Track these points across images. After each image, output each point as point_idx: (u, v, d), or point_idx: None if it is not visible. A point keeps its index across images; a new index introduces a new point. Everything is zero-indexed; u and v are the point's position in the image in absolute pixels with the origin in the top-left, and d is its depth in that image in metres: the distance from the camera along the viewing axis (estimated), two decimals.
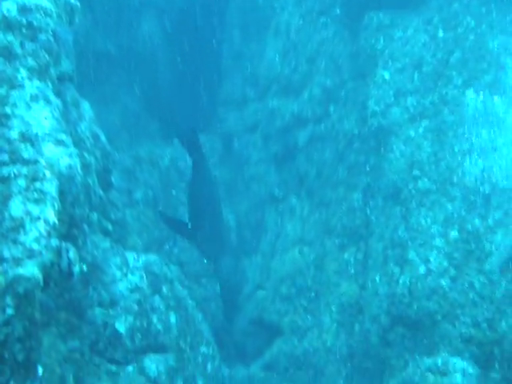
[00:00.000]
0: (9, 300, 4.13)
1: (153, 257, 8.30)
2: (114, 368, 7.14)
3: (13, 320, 4.15)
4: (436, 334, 7.68)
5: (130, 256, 7.94)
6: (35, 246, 4.29)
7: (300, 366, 10.51)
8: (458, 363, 7.27)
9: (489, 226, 7.29)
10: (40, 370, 5.59)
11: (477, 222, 7.47)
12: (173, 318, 8.14)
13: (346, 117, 10.21)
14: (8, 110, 4.62)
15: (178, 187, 11.97)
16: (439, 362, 7.40)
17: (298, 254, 11.00)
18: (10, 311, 4.14)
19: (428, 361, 7.57)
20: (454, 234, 7.73)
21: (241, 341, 11.72)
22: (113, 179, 8.18)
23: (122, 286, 7.51)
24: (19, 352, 5.15)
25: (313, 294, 10.75)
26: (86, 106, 7.35)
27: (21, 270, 4.18)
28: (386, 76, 9.01)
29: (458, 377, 7.13)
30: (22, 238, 4.28)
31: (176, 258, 11.60)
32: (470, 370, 7.11)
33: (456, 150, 8.02)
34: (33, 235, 4.31)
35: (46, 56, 5.32)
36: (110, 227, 7.93)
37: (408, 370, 7.86)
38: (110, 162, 8.15)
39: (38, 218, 4.37)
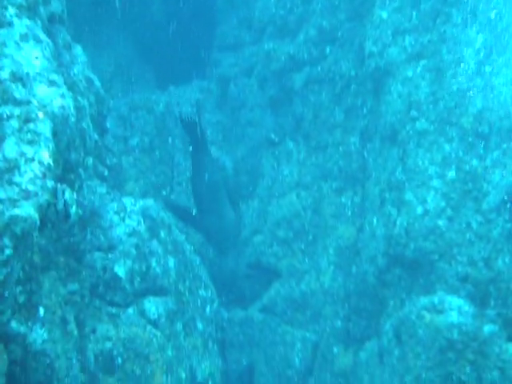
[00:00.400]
0: (6, 241, 4.12)
1: (150, 202, 8.29)
2: (114, 310, 7.25)
3: (11, 260, 4.16)
4: (432, 273, 7.75)
5: (127, 201, 7.94)
6: (31, 187, 4.26)
7: (298, 308, 10.66)
8: (454, 301, 7.35)
9: (487, 166, 7.25)
10: (41, 312, 5.66)
11: (475, 162, 7.43)
12: (171, 262, 8.20)
13: (343, 58, 10.04)
14: None
15: (174, 134, 11.89)
16: (435, 300, 7.48)
17: (295, 197, 11.01)
18: (8, 251, 4.15)
19: (424, 300, 7.65)
20: (451, 174, 7.70)
21: (239, 285, 11.86)
22: (108, 124, 8.10)
23: (119, 231, 7.54)
24: (20, 294, 5.21)
25: (310, 237, 10.81)
26: (78, 49, 7.20)
27: (17, 211, 4.16)
28: (384, 15, 8.81)
29: (454, 315, 7.21)
30: (17, 179, 4.24)
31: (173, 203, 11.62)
32: (466, 308, 7.20)
33: (455, 89, 7.90)
34: (28, 176, 4.27)
35: None
36: (105, 172, 7.91)
37: (405, 309, 7.97)
38: (104, 108, 8.05)
39: (33, 160, 4.32)
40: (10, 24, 4.67)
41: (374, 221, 9.19)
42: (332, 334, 10.09)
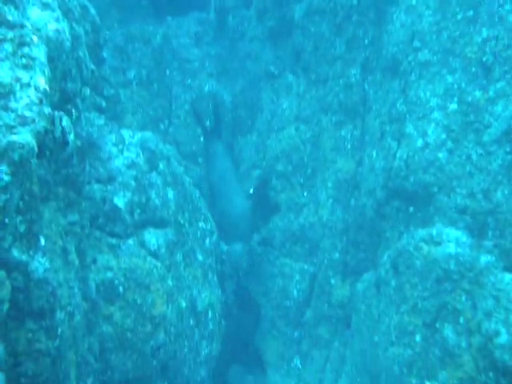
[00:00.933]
0: (4, 167, 4.09)
1: (148, 134, 8.22)
2: (114, 241, 7.29)
3: (10, 187, 4.13)
4: (431, 205, 7.76)
5: (126, 133, 7.88)
6: (27, 113, 4.18)
7: (296, 241, 10.75)
8: (452, 233, 7.39)
9: (490, 97, 7.13)
10: (42, 241, 5.69)
11: (477, 93, 7.32)
12: (170, 194, 8.20)
13: None
14: None
15: (172, 66, 11.68)
16: (433, 232, 7.52)
17: (294, 131, 10.92)
18: (6, 178, 4.11)
19: (422, 232, 7.69)
20: (453, 106, 7.60)
21: (237, 218, 11.92)
22: (104, 54, 7.93)
23: (118, 163, 7.50)
24: (21, 223, 5.22)
25: (309, 171, 10.79)
26: None
27: (14, 137, 4.10)
28: None
29: (452, 246, 7.27)
30: (13, 104, 4.16)
31: (172, 138, 11.55)
32: (464, 239, 7.24)
33: (459, 18, 7.70)
34: (24, 102, 4.18)
35: None
36: (103, 104, 7.80)
37: (402, 241, 8.02)
38: (100, 37, 7.87)
39: (29, 85, 4.23)
40: None
41: (374, 154, 9.15)
42: (330, 266, 10.22)
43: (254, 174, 11.43)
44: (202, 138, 11.60)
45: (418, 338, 7.38)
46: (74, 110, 6.05)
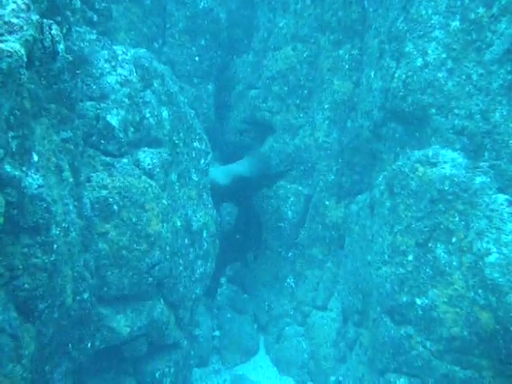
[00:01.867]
0: None
1: (142, 50, 8.00)
2: (108, 160, 7.20)
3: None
4: (428, 127, 7.68)
5: (119, 49, 7.65)
6: (14, 20, 4.01)
7: (291, 163, 10.73)
8: (448, 154, 7.35)
9: (493, 13, 6.90)
10: (35, 157, 5.62)
11: (481, 10, 7.08)
12: (165, 113, 8.07)
13: None
14: None
15: None
16: (429, 153, 7.48)
17: (291, 51, 10.68)
18: None
19: (418, 153, 7.66)
20: (455, 24, 7.38)
21: (233, 140, 11.85)
22: None
23: (111, 79, 7.32)
24: (13, 139, 5.14)
25: (305, 92, 10.64)
26: None
27: (2, 46, 3.95)
28: None
29: (447, 167, 7.24)
30: None
31: (166, 57, 11.29)
32: (460, 160, 7.21)
33: None
34: (10, 8, 4.00)
35: None
36: (95, 18, 7.54)
37: (398, 162, 7.98)
38: None
39: None
40: None
41: (372, 74, 8.98)
42: (325, 188, 10.25)
43: (249, 94, 11.25)
44: (196, 58, 11.35)
45: (410, 257, 7.48)
46: (63, 23, 5.83)
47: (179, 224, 8.04)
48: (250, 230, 10.75)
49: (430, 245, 7.28)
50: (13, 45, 3.97)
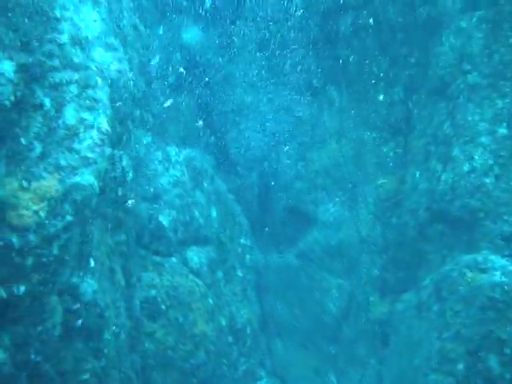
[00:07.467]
0: (67, 207, 4.16)
1: (193, 151, 8.28)
2: (158, 259, 7.35)
3: (72, 227, 4.21)
4: (476, 231, 7.66)
5: (172, 150, 7.95)
6: (90, 155, 4.25)
7: (335, 256, 10.71)
8: (498, 261, 7.29)
9: None
10: (92, 262, 5.78)
11: None
12: (213, 212, 8.25)
13: (391, 4, 9.63)
14: (57, 12, 4.40)
15: None
16: (479, 259, 7.42)
17: (336, 145, 10.87)
18: (69, 218, 4.19)
19: (467, 258, 7.60)
20: (502, 131, 7.49)
21: (276, 230, 11.92)
22: (154, 71, 8.00)
23: (164, 181, 7.57)
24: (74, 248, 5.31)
25: (349, 186, 10.74)
26: None
27: (78, 179, 4.17)
28: None
29: (497, 274, 7.16)
30: (76, 146, 4.24)
31: (212, 148, 11.58)
32: (510, 268, 7.14)
33: (511, 42, 7.57)
34: (87, 143, 4.26)
35: None
36: (150, 120, 7.87)
37: (446, 265, 7.94)
38: (149, 52, 7.94)
39: (92, 127, 4.30)
40: None
41: (417, 174, 9.07)
42: (368, 283, 10.17)
43: (294, 185, 11.40)
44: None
45: (460, 366, 7.30)
46: (125, 133, 6.12)
47: (224, 323, 8.06)
48: None
49: (481, 354, 7.11)
50: (88, 178, 4.20)
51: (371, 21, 9.91)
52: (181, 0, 12.09)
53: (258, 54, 12.22)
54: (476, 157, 7.68)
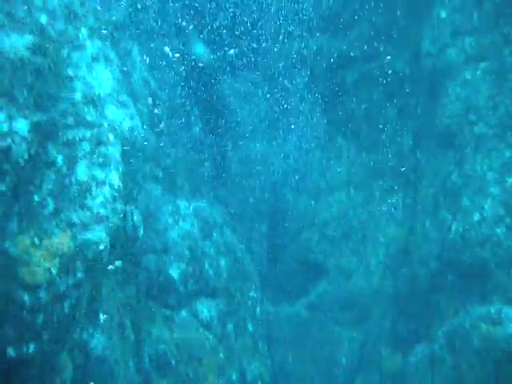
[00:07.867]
0: (79, 264, 4.18)
1: (202, 203, 8.32)
2: (168, 313, 7.31)
3: (83, 283, 4.22)
4: (489, 282, 7.60)
5: (181, 203, 7.98)
6: (102, 211, 4.30)
7: (345, 307, 10.60)
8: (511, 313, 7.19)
9: None
10: (101, 318, 5.75)
11: None
12: (223, 263, 8.23)
13: (398, 56, 9.81)
14: (70, 71, 4.52)
15: None
16: (492, 310, 7.33)
17: (345, 195, 10.89)
18: (79, 275, 4.21)
19: (480, 309, 7.52)
20: (511, 181, 7.50)
21: (285, 280, 11.84)
22: (163, 125, 8.11)
23: (173, 234, 7.59)
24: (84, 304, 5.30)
25: (359, 236, 10.70)
26: (135, 51, 7.20)
27: (89, 235, 4.21)
28: (443, 14, 8.57)
29: None
30: (89, 202, 4.29)
31: (222, 198, 11.63)
32: None
33: None
34: (99, 200, 4.31)
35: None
36: (160, 174, 7.94)
37: (459, 317, 7.85)
38: (159, 107, 8.07)
39: (104, 183, 4.37)
40: (83, 46, 4.67)
41: (427, 224, 9.05)
42: (380, 335, 10.03)
43: (303, 235, 11.38)
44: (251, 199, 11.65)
45: None
46: (135, 187, 6.17)
47: (234, 377, 7.94)
48: None
49: None
50: (99, 234, 4.24)
51: (378, 72, 10.08)
52: None
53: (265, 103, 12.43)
54: (486, 206, 7.68)
